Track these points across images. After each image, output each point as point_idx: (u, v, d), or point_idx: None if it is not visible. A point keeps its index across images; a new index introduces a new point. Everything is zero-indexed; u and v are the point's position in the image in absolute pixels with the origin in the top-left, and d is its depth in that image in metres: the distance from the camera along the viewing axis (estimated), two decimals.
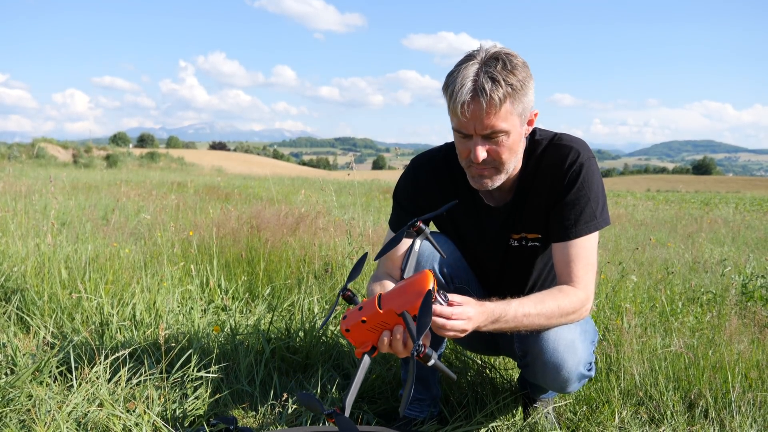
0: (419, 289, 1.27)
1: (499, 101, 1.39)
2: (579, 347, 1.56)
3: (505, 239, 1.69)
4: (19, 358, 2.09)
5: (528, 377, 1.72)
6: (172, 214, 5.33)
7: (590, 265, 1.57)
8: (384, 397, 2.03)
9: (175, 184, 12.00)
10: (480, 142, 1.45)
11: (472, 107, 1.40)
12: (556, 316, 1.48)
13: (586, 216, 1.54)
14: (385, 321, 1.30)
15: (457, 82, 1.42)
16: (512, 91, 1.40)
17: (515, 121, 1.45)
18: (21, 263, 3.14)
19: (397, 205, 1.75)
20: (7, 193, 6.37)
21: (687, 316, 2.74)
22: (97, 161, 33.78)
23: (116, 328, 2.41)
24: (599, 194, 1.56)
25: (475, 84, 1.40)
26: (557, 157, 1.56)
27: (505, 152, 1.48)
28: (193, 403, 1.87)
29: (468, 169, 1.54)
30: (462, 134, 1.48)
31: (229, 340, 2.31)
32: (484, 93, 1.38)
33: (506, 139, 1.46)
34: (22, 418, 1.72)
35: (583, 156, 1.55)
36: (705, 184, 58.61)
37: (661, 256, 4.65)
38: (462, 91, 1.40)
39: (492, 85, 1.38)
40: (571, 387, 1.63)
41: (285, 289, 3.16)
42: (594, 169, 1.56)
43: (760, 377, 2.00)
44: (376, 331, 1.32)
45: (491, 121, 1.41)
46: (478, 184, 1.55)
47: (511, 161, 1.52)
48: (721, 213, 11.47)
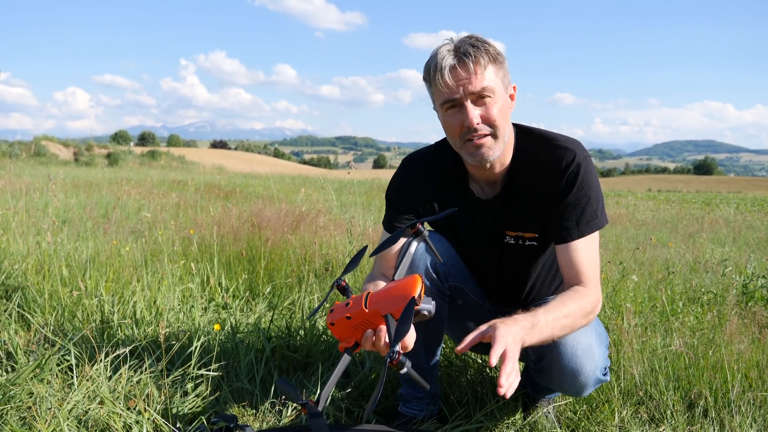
0: (405, 293, 1.26)
1: (484, 61, 1.46)
2: (596, 352, 1.55)
3: (499, 235, 1.68)
4: (19, 356, 2.09)
5: (541, 381, 1.70)
6: (173, 213, 5.33)
7: (596, 264, 1.56)
8: (384, 396, 2.03)
9: (176, 182, 12.01)
10: (471, 105, 1.48)
11: (460, 69, 1.46)
12: (579, 317, 1.46)
13: (587, 216, 1.54)
14: (369, 320, 1.30)
15: (438, 58, 1.48)
16: (493, 56, 1.47)
17: (500, 84, 1.50)
18: (22, 261, 3.14)
19: (390, 205, 1.76)
20: (8, 191, 6.38)
21: (687, 316, 2.74)
22: (98, 159, 33.79)
23: (117, 326, 2.42)
24: (598, 194, 1.56)
25: (457, 52, 1.47)
26: (553, 157, 1.56)
27: (497, 115, 1.50)
28: (194, 401, 1.88)
29: (464, 145, 1.54)
30: (451, 104, 1.50)
31: (230, 339, 2.31)
32: (468, 55, 1.45)
33: (495, 102, 1.49)
34: (23, 415, 1.73)
35: (579, 156, 1.55)
36: (706, 184, 58.56)
37: (662, 256, 4.65)
38: (444, 61, 1.47)
39: (474, 49, 1.46)
40: (587, 392, 1.62)
41: (285, 288, 3.16)
42: (591, 168, 1.56)
43: (760, 377, 2.00)
44: (360, 328, 1.31)
45: (479, 80, 1.46)
46: (478, 158, 1.53)
47: (505, 127, 1.53)
48: (722, 213, 11.47)
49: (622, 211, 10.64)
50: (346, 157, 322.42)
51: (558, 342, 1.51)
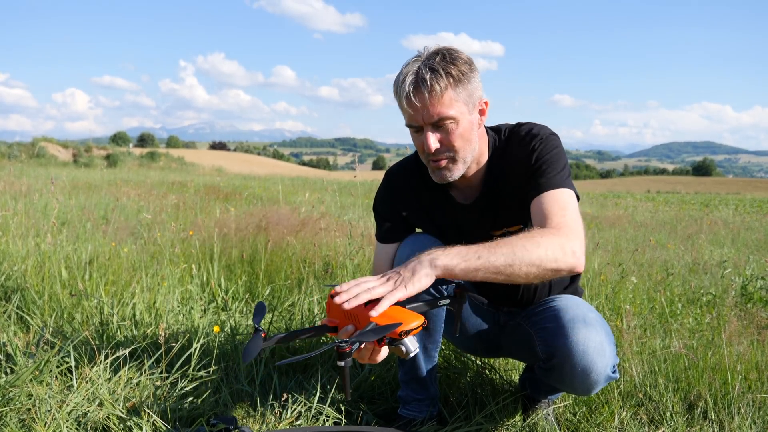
0: (397, 321, 1.26)
1: (440, 89, 1.44)
2: (607, 349, 1.52)
3: (486, 237, 1.67)
4: (19, 358, 2.09)
5: (550, 381, 1.67)
6: (172, 214, 5.33)
7: (570, 212, 1.46)
8: (383, 397, 2.03)
9: (175, 183, 12.00)
10: (431, 131, 1.49)
11: (416, 98, 1.46)
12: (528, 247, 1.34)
13: (552, 172, 1.52)
14: (359, 318, 1.31)
15: (401, 78, 1.48)
16: (453, 81, 1.46)
17: (461, 108, 1.49)
18: (21, 262, 3.14)
19: (379, 217, 1.79)
20: (7, 193, 6.38)
21: (686, 318, 2.74)
22: (97, 161, 33.79)
23: (116, 327, 2.42)
24: (563, 162, 1.55)
25: (416, 76, 1.46)
26: (519, 140, 1.59)
27: (456, 140, 1.50)
28: (193, 402, 1.88)
29: (428, 165, 1.58)
30: (414, 128, 1.53)
31: (229, 340, 2.31)
32: (424, 83, 1.44)
33: (455, 127, 1.49)
34: (22, 417, 1.72)
35: (543, 132, 1.57)
36: (705, 185, 58.63)
37: (661, 258, 4.66)
38: (404, 85, 1.46)
39: (431, 75, 1.44)
40: (597, 389, 1.60)
41: (285, 290, 3.17)
42: (555, 141, 1.56)
43: (760, 378, 2.00)
44: (347, 318, 1.34)
45: (436, 109, 1.46)
46: (438, 177, 1.57)
47: (466, 149, 1.54)
48: (721, 214, 11.48)
49: (621, 212, 10.64)
50: (345, 158, 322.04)
51: (568, 340, 1.49)
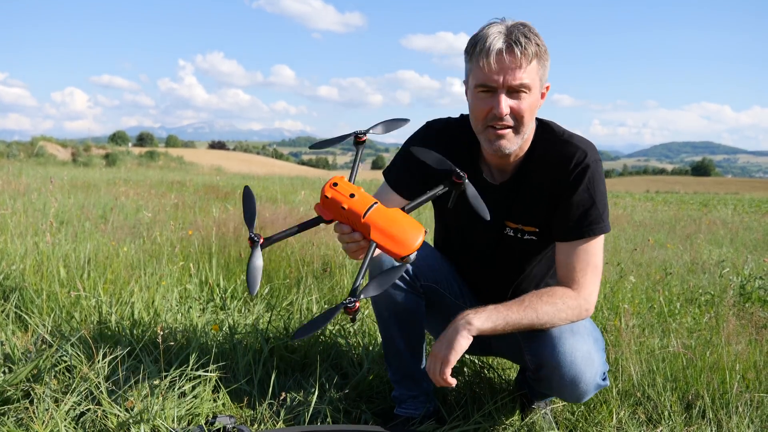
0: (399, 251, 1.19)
1: (531, 54, 1.44)
2: (595, 357, 1.53)
3: (500, 225, 1.67)
4: (17, 357, 2.09)
5: (541, 389, 1.69)
6: (171, 213, 5.33)
7: (594, 270, 1.54)
8: (381, 396, 2.03)
9: (174, 183, 11.99)
10: (505, 94, 1.47)
11: (506, 57, 1.43)
12: (550, 313, 1.48)
13: (591, 217, 1.53)
14: (357, 227, 1.25)
15: (489, 36, 1.45)
16: (540, 52, 1.46)
17: (537, 82, 1.49)
18: (20, 261, 3.14)
19: (400, 156, 1.72)
20: (6, 192, 6.37)
21: (685, 317, 2.74)
22: (96, 160, 33.75)
23: (115, 326, 2.41)
24: (604, 199, 1.56)
25: (508, 37, 1.44)
26: (564, 153, 1.56)
27: (526, 111, 1.49)
28: (192, 401, 1.87)
29: (485, 131, 1.53)
30: (486, 89, 1.48)
31: (228, 339, 2.31)
32: (519, 44, 1.43)
33: (528, 98, 1.48)
34: (20, 416, 1.72)
35: (590, 158, 1.54)
36: (704, 185, 58.63)
37: (660, 257, 4.66)
38: (496, 42, 1.44)
39: (526, 40, 1.44)
40: (587, 398, 1.61)
41: (284, 289, 3.16)
42: (600, 172, 1.55)
43: (758, 378, 2.01)
44: (344, 219, 1.27)
45: (521, 74, 1.45)
46: (494, 147, 1.53)
47: (529, 124, 1.53)
48: (719, 214, 11.48)
49: (620, 212, 10.64)
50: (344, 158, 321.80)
51: (555, 350, 1.50)
